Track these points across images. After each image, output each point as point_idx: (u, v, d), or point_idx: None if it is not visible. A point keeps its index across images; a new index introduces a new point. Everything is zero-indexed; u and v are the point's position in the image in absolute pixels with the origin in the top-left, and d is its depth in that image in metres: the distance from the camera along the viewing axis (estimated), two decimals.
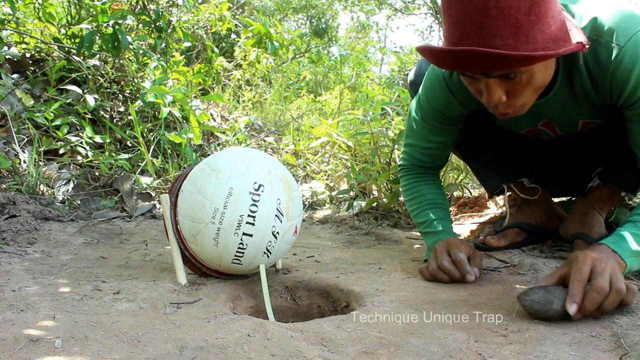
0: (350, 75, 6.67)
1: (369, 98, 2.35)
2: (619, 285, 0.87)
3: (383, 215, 2.04)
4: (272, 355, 0.77)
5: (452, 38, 0.90)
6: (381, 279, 1.24)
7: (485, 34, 0.85)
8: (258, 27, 3.32)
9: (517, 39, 0.85)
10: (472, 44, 0.86)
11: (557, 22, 0.89)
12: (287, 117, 3.93)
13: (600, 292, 0.86)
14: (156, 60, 2.60)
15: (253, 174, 1.09)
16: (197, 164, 1.18)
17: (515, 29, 0.85)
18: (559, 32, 0.89)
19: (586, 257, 0.90)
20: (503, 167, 1.47)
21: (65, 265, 1.28)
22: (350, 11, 11.37)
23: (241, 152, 1.21)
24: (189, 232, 1.11)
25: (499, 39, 0.85)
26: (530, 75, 0.94)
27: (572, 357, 0.77)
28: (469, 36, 0.87)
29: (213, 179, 1.08)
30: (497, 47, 0.85)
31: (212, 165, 1.12)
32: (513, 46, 0.85)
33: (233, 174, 1.08)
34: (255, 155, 1.17)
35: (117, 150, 2.40)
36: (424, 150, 1.37)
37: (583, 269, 0.89)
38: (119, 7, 2.47)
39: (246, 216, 1.06)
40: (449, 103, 1.24)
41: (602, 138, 1.29)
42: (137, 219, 1.92)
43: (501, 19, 0.84)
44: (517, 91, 0.96)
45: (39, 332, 0.82)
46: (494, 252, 1.43)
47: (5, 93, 2.18)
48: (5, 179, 1.93)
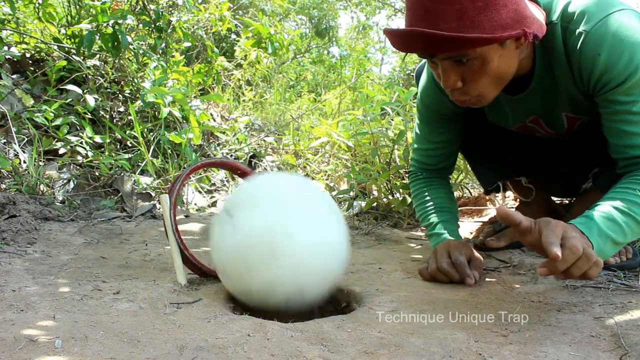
0: (351, 76, 6.67)
1: (369, 98, 2.35)
2: (590, 251, 0.87)
3: (383, 215, 2.04)
4: (272, 355, 0.77)
5: (406, 21, 0.96)
6: (381, 279, 1.24)
7: (431, 17, 0.90)
8: (258, 28, 3.32)
9: (461, 23, 0.89)
10: (420, 26, 0.91)
11: (510, 10, 0.92)
12: (287, 117, 3.93)
13: (574, 252, 0.85)
14: (156, 61, 2.59)
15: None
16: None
17: (459, 14, 0.89)
18: (510, 20, 0.92)
19: (558, 223, 0.90)
20: (500, 164, 1.48)
21: (65, 265, 1.28)
22: (351, 11, 11.37)
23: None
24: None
25: (444, 22, 0.89)
26: (483, 61, 0.96)
27: (572, 357, 0.77)
28: (418, 18, 0.92)
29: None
30: (441, 30, 0.89)
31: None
32: (456, 30, 0.89)
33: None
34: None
35: (117, 150, 2.40)
36: (428, 152, 1.39)
37: (557, 230, 0.88)
38: (119, 7, 2.47)
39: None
40: (441, 101, 1.27)
41: (597, 139, 1.30)
42: (137, 219, 1.92)
43: (447, 4, 0.89)
44: (471, 78, 0.99)
45: (39, 332, 0.82)
46: (494, 252, 1.43)
47: (5, 93, 2.18)
48: (5, 179, 1.93)
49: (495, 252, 1.43)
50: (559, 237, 0.87)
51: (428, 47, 0.94)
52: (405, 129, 2.01)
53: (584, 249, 0.86)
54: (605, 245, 0.94)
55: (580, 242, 0.86)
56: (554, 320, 0.92)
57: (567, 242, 0.86)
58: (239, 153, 2.88)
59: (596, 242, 0.92)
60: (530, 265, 1.29)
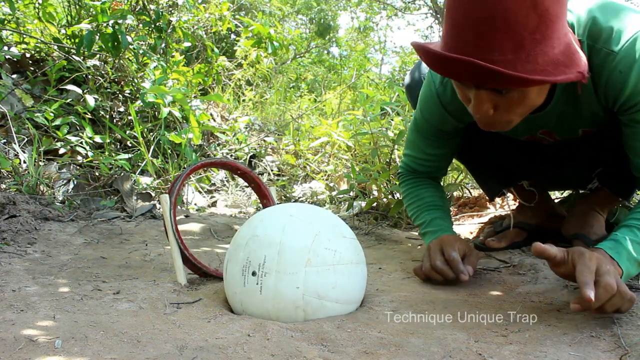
0: (351, 76, 6.67)
1: (368, 98, 2.35)
2: (624, 288, 0.87)
3: (383, 215, 2.04)
4: (272, 355, 0.77)
5: (449, 41, 0.85)
6: (381, 279, 1.24)
7: (485, 46, 0.81)
8: (258, 27, 3.32)
9: (517, 56, 0.81)
10: (469, 53, 0.82)
11: (562, 45, 0.85)
12: (287, 117, 3.93)
13: (609, 290, 0.84)
14: (156, 61, 2.59)
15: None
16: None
17: (517, 46, 0.80)
18: (561, 56, 0.85)
19: (592, 256, 0.89)
20: (504, 172, 1.46)
21: (65, 265, 1.28)
22: (351, 12, 11.37)
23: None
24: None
25: (498, 53, 0.81)
26: (523, 94, 0.90)
27: (572, 357, 0.77)
28: (468, 44, 0.82)
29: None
30: (495, 62, 0.81)
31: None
32: (511, 63, 0.81)
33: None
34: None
35: (117, 150, 2.40)
36: (420, 161, 1.36)
37: (591, 265, 0.87)
38: (119, 7, 2.47)
39: None
40: (443, 119, 1.22)
41: (602, 140, 1.29)
42: (137, 219, 1.92)
43: (505, 33, 0.80)
44: (506, 107, 0.92)
45: (39, 332, 0.82)
46: (494, 252, 1.43)
47: (5, 93, 2.18)
48: (5, 179, 1.93)
49: (495, 252, 1.42)
50: (593, 273, 0.86)
51: (476, 79, 0.86)
52: (405, 129, 2.01)
53: (618, 286, 0.86)
54: (632, 268, 0.95)
55: (614, 279, 0.86)
56: (554, 320, 0.92)
57: (601, 279, 0.86)
58: (239, 153, 2.88)
59: (625, 267, 0.93)
60: (530, 265, 1.28)
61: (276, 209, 1.04)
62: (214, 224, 1.88)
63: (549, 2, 0.80)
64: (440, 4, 7.34)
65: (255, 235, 0.96)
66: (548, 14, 0.80)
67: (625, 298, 0.87)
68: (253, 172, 1.42)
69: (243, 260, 0.95)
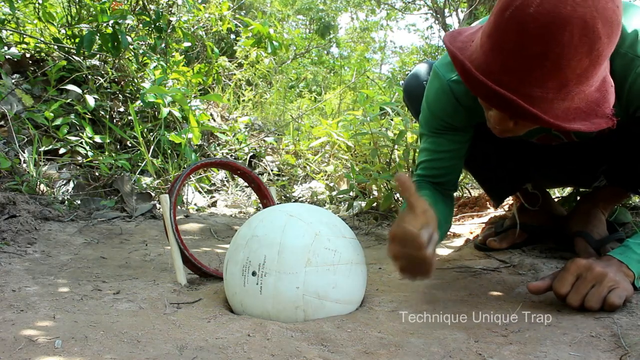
0: (351, 76, 6.67)
1: (368, 98, 2.35)
2: (600, 270, 0.91)
3: (383, 216, 2.04)
4: (272, 355, 0.77)
5: (491, 65, 0.81)
6: (381, 279, 1.24)
7: (529, 80, 0.77)
8: (257, 27, 3.32)
9: (557, 95, 0.78)
10: (510, 82, 0.78)
11: (599, 81, 0.83)
12: (287, 117, 3.93)
13: (586, 284, 0.90)
14: (156, 61, 2.60)
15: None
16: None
17: (561, 85, 0.78)
18: (597, 93, 0.83)
19: (572, 265, 0.94)
20: (509, 177, 1.45)
21: (65, 265, 1.28)
22: (351, 12, 11.38)
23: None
24: None
25: (540, 90, 0.78)
26: None
27: (572, 357, 0.77)
28: (510, 72, 0.78)
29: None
30: (534, 98, 0.78)
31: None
32: (549, 101, 0.79)
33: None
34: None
35: (117, 150, 2.40)
36: (432, 162, 1.30)
37: (571, 267, 0.93)
38: (119, 7, 2.47)
39: None
40: (455, 111, 1.18)
41: (609, 137, 1.28)
42: (137, 219, 1.92)
43: (554, 73, 0.76)
44: (527, 125, 0.91)
45: (39, 332, 0.82)
46: (494, 252, 1.43)
47: (5, 93, 2.18)
48: (5, 179, 1.93)
49: (495, 252, 1.43)
50: (569, 273, 0.92)
51: (512, 113, 0.83)
52: (405, 129, 2.01)
53: (591, 265, 0.88)
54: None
55: (603, 277, 0.90)
56: (554, 320, 0.92)
57: (587, 274, 0.91)
58: (239, 153, 2.88)
59: (636, 270, 0.94)
60: (530, 265, 1.28)
61: (276, 209, 1.04)
62: (214, 224, 1.88)
63: (604, 46, 0.77)
64: (440, 3, 7.33)
65: (255, 235, 0.96)
66: (599, 57, 0.78)
67: (604, 278, 0.90)
68: (253, 172, 1.42)
69: (243, 260, 0.95)
